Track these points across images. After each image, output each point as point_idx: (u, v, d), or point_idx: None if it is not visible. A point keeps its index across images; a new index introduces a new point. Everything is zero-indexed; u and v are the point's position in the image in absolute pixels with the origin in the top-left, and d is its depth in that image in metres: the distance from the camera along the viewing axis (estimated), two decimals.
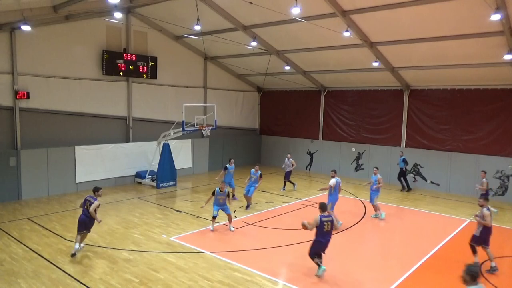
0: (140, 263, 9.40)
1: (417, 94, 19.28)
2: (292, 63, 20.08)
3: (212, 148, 22.46)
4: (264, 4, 13.93)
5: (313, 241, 8.93)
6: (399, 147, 19.79)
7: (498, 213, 14.48)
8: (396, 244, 11.60)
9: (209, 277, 8.73)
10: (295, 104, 23.99)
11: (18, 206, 14.35)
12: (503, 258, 10.58)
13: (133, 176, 18.81)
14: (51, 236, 11.25)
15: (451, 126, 18.20)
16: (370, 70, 18.40)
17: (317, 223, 8.62)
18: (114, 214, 13.60)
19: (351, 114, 21.67)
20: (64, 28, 16.25)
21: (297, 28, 16.13)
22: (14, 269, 8.99)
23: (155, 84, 19.68)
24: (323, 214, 8.77)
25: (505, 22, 12.22)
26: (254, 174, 14.54)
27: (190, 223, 12.73)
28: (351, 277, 9.05)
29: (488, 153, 17.16)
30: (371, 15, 13.96)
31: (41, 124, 16.02)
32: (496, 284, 8.73)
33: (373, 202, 13.67)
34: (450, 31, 13.92)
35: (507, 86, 16.59)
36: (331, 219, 8.86)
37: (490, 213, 9.42)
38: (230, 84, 23.97)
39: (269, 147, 25.11)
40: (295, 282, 8.65)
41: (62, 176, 16.28)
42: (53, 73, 16.16)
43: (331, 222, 8.77)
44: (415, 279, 9.00)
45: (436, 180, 18.62)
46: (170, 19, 17.52)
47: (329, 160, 22.31)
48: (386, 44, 15.88)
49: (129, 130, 18.92)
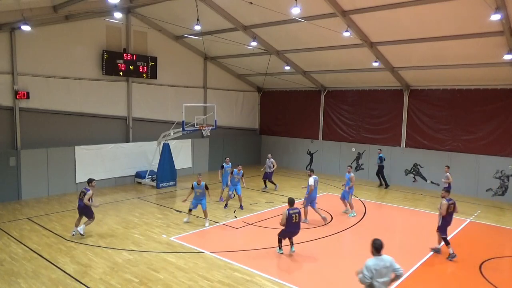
0: (140, 263, 9.40)
1: (417, 94, 19.28)
2: (292, 63, 20.08)
3: (212, 148, 22.46)
4: (264, 4, 13.94)
5: (282, 230, 9.99)
6: (399, 147, 19.80)
7: None
8: (396, 244, 11.60)
9: (209, 277, 8.73)
10: (295, 104, 23.99)
11: (18, 206, 14.35)
12: (503, 258, 10.59)
13: (133, 176, 18.81)
14: (51, 236, 11.25)
15: (451, 126, 18.20)
16: (370, 70, 18.40)
17: (286, 216, 9.63)
18: (114, 214, 13.60)
19: (351, 114, 21.67)
20: (64, 28, 16.25)
21: (297, 28, 16.13)
22: (14, 269, 8.99)
23: (155, 84, 19.68)
24: (290, 208, 9.81)
25: (505, 22, 12.22)
26: (237, 174, 14.75)
27: (190, 223, 12.72)
28: (351, 277, 9.04)
29: (488, 153, 17.16)
30: (371, 15, 13.95)
31: (41, 124, 16.02)
32: (496, 284, 8.73)
33: (347, 199, 14.07)
34: (450, 31, 13.92)
35: (507, 86, 16.59)
36: (298, 211, 9.88)
37: (447, 203, 10.22)
38: (230, 84, 23.97)
39: (269, 147, 25.09)
40: (295, 282, 8.64)
41: (62, 176, 16.28)
42: (53, 73, 16.16)
43: (298, 214, 9.85)
44: (415, 279, 9.00)
45: (436, 180, 18.61)
46: (170, 19, 17.52)
47: (329, 160, 22.32)
48: (386, 44, 15.88)
49: (129, 130, 18.92)
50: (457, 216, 14.21)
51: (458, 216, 14.22)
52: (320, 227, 12.64)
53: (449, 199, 10.38)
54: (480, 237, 12.22)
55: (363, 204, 15.78)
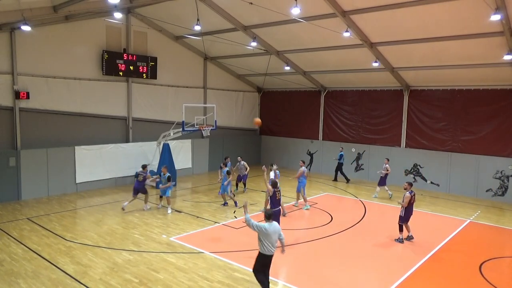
0: (140, 263, 9.40)
1: (417, 94, 19.28)
2: (292, 63, 20.08)
3: (212, 148, 22.45)
4: (264, 4, 13.94)
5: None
6: (399, 147, 19.80)
7: (392, 196, 16.52)
8: (396, 244, 11.59)
9: (209, 277, 8.73)
10: (295, 104, 23.99)
11: (18, 206, 14.34)
12: (503, 258, 10.59)
13: (133, 176, 18.78)
14: (51, 236, 11.25)
15: (451, 126, 18.20)
16: (370, 71, 18.40)
17: (271, 192, 10.90)
18: (114, 214, 13.60)
19: (351, 115, 21.67)
20: (64, 28, 16.25)
21: (297, 29, 16.13)
22: (14, 269, 8.99)
23: (155, 84, 19.68)
24: (275, 188, 10.93)
25: (505, 22, 12.22)
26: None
27: (190, 223, 12.73)
28: (351, 277, 9.05)
29: (488, 154, 17.16)
30: (371, 15, 13.95)
31: (41, 124, 16.02)
32: (496, 285, 8.73)
33: (299, 191, 14.96)
34: (450, 31, 13.92)
35: (507, 86, 16.59)
36: (280, 190, 11.16)
37: (410, 196, 11.15)
38: (230, 84, 23.98)
39: (269, 148, 25.11)
40: (295, 282, 8.65)
41: (62, 176, 16.27)
42: (53, 73, 16.16)
43: (280, 192, 11.16)
44: (415, 279, 8.99)
45: (436, 180, 18.62)
46: (170, 19, 17.52)
47: (329, 161, 22.31)
48: (386, 44, 15.88)
49: (129, 130, 18.91)
50: (457, 217, 14.29)
51: (458, 217, 14.28)
52: (320, 227, 12.64)
53: (411, 191, 11.29)
54: (480, 238, 12.21)
55: (363, 204, 15.78)
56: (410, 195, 11.21)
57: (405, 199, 11.21)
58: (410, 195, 11.20)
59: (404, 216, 11.34)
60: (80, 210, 14.22)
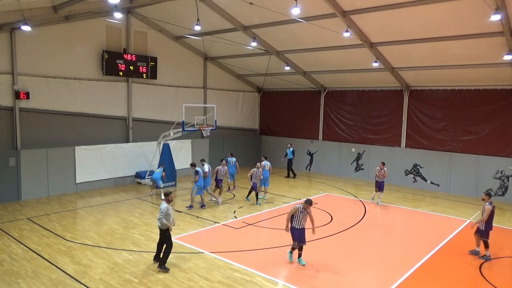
0: (140, 263, 9.40)
1: (417, 94, 19.28)
2: (292, 63, 20.08)
3: (212, 148, 22.45)
4: (264, 4, 13.95)
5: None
6: (399, 147, 19.80)
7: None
8: (396, 244, 11.60)
9: (209, 277, 8.73)
10: (295, 104, 23.99)
11: (18, 206, 14.34)
12: (503, 258, 10.58)
13: (133, 176, 18.81)
14: (51, 236, 11.25)
15: (451, 126, 18.20)
16: (370, 71, 18.40)
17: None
18: (114, 214, 13.60)
19: (351, 115, 21.67)
20: (64, 28, 16.25)
21: (297, 29, 16.13)
22: (14, 269, 8.99)
23: (155, 84, 19.68)
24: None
25: (505, 22, 12.22)
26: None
27: (190, 223, 12.73)
28: (351, 277, 9.05)
29: (488, 154, 17.16)
30: (371, 15, 13.95)
31: (41, 124, 16.02)
32: (496, 284, 8.73)
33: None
34: (450, 31, 13.92)
35: (507, 86, 16.59)
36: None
37: (491, 207, 10.13)
38: (230, 84, 23.97)
39: (269, 148, 25.10)
40: (295, 282, 8.65)
41: (62, 176, 16.27)
42: (53, 73, 16.16)
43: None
44: (415, 279, 8.99)
45: (436, 180, 18.62)
46: (170, 19, 17.52)
47: (329, 161, 22.31)
48: (386, 44, 15.88)
49: (129, 130, 18.91)
50: (457, 217, 14.28)
51: (458, 217, 14.27)
52: (320, 227, 12.63)
53: (490, 202, 10.18)
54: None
55: (363, 204, 15.78)
56: (491, 206, 10.04)
57: (486, 212, 10.01)
58: (491, 207, 10.02)
59: (485, 230, 10.18)
60: (80, 210, 14.22)
